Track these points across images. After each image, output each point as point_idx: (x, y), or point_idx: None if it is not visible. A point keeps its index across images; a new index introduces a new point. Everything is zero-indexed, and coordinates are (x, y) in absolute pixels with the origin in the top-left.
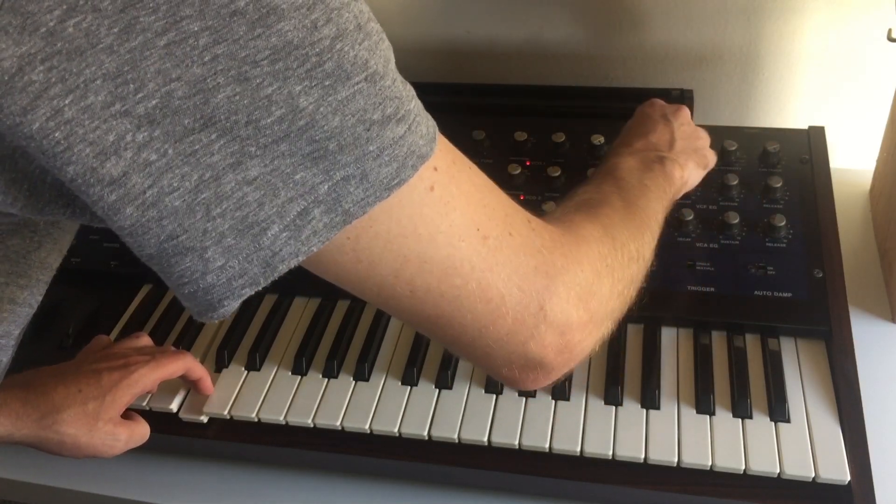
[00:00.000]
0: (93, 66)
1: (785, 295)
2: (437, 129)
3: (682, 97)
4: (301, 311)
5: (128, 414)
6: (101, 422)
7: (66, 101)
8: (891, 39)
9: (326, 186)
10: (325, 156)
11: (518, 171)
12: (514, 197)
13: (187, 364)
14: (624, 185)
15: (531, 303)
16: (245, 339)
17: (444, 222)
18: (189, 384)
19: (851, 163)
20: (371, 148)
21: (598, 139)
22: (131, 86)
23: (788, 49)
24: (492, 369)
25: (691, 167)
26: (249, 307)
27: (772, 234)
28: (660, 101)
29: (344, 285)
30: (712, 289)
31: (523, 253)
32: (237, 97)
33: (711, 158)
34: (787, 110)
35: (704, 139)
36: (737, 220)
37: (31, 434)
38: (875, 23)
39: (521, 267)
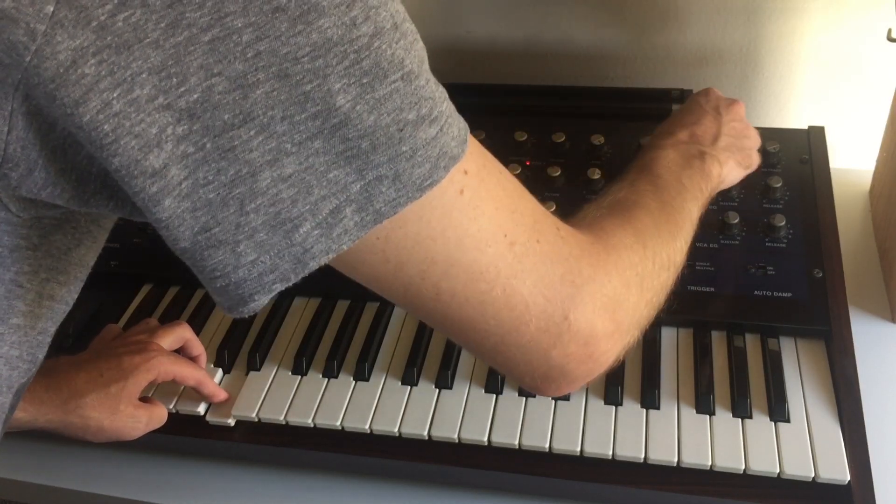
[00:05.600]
0: (139, 60)
1: (785, 295)
2: (468, 131)
3: (682, 97)
4: (301, 311)
5: (144, 397)
6: (123, 404)
7: (115, 94)
8: (890, 39)
9: (359, 186)
10: (357, 155)
11: (518, 171)
12: None
13: (200, 379)
14: (660, 184)
15: (556, 312)
16: (245, 340)
17: (473, 226)
18: (201, 396)
19: (851, 163)
20: (404, 148)
21: (598, 139)
22: (174, 80)
23: (788, 49)
24: (514, 375)
25: (731, 165)
26: None
27: (772, 234)
28: (716, 92)
29: (370, 285)
30: (712, 289)
31: (550, 261)
32: (275, 93)
33: (755, 159)
34: (787, 110)
35: (753, 139)
36: (737, 220)
37: (55, 419)
38: (875, 23)
39: (548, 275)
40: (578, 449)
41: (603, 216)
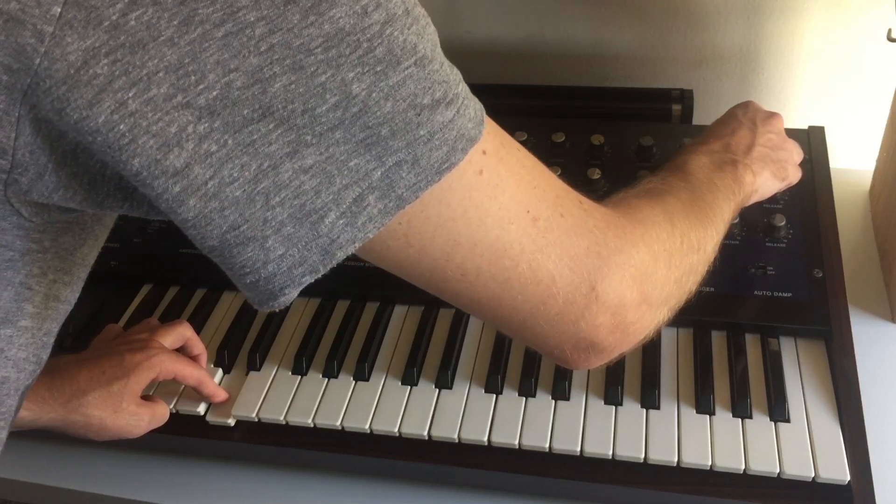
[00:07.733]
0: (155, 59)
1: (785, 295)
2: (484, 111)
3: (682, 97)
4: (301, 311)
5: (145, 396)
6: (125, 402)
7: (130, 94)
8: (890, 39)
9: (380, 172)
10: (377, 142)
11: None
12: None
13: (201, 378)
14: (692, 180)
15: (582, 283)
16: (245, 340)
17: (494, 205)
18: (200, 396)
19: (851, 163)
20: (422, 132)
21: (598, 139)
22: (192, 77)
23: (788, 49)
24: (544, 349)
25: (766, 175)
26: (250, 307)
27: (772, 234)
28: (755, 105)
29: (395, 270)
30: (712, 289)
31: (574, 234)
32: (293, 86)
33: (793, 172)
34: (787, 110)
35: (790, 151)
36: (737, 220)
37: (57, 417)
38: (875, 23)
39: (572, 248)
40: (578, 449)
41: (631, 196)
